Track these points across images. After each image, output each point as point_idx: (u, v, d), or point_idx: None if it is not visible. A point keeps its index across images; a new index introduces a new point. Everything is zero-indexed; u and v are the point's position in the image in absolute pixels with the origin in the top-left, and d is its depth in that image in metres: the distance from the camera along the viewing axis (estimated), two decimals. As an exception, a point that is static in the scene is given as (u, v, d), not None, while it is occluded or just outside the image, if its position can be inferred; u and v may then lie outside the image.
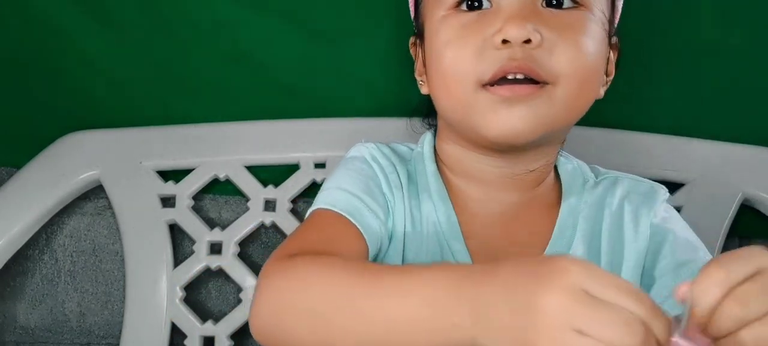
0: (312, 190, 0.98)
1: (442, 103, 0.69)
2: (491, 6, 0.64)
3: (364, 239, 0.64)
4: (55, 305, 1.05)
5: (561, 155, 0.75)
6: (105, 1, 0.93)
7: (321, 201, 0.67)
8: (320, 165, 0.97)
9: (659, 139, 0.93)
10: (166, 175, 0.98)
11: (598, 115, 0.92)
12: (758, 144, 0.93)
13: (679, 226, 0.71)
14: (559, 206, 0.71)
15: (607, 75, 0.71)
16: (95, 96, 0.98)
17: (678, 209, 0.91)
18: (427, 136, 0.77)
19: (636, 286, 0.42)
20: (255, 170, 0.98)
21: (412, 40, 0.76)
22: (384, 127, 0.95)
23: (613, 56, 0.72)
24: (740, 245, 0.99)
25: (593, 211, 0.71)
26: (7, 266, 0.96)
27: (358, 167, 0.71)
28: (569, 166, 0.75)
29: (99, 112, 0.98)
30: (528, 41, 0.61)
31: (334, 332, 0.51)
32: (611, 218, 0.71)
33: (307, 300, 0.53)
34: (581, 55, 0.63)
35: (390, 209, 0.69)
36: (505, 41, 0.61)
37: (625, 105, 0.95)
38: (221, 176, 0.97)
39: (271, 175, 0.98)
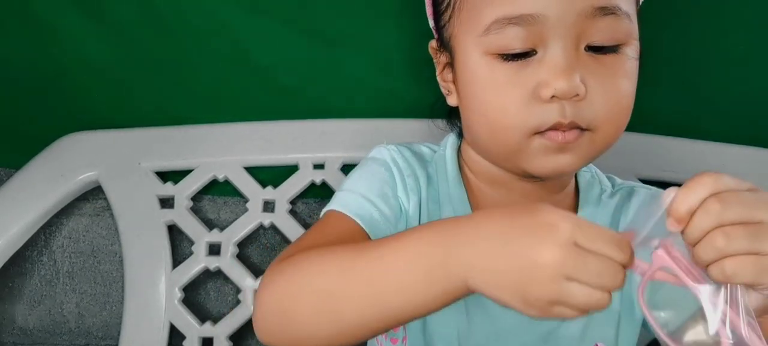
0: (311, 191, 0.98)
1: (482, 138, 0.68)
2: (536, 54, 0.62)
3: None
4: (54, 306, 1.04)
5: None
6: (105, 2, 0.93)
7: (335, 202, 0.68)
8: (319, 166, 0.97)
9: (658, 140, 0.93)
10: (165, 176, 0.98)
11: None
12: (756, 145, 0.93)
13: None
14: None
15: None
16: (94, 96, 0.98)
17: (677, 210, 0.91)
18: (450, 139, 0.76)
19: (617, 235, 0.48)
20: (254, 171, 0.98)
21: (433, 45, 0.74)
22: (383, 129, 0.95)
23: None
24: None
25: (609, 221, 0.72)
26: (5, 267, 0.95)
27: (376, 170, 0.71)
28: (587, 174, 0.75)
29: (98, 112, 0.98)
30: (576, 95, 0.61)
31: (342, 305, 0.54)
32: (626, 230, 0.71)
33: (313, 283, 0.56)
34: (619, 101, 0.63)
35: (403, 213, 0.70)
36: (554, 96, 0.61)
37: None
38: (220, 177, 0.97)
39: (270, 176, 0.98)
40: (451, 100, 0.71)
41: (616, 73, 0.63)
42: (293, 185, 0.97)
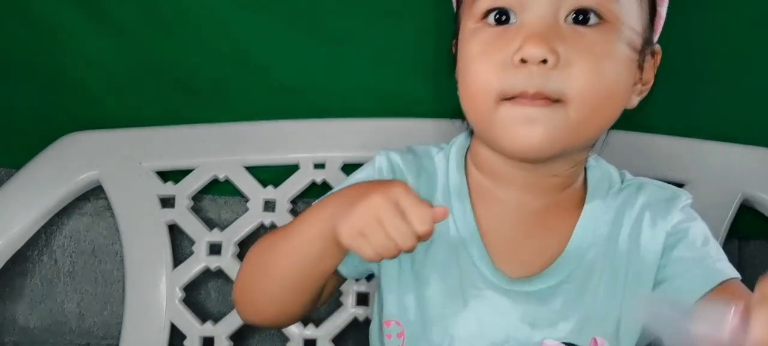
0: (311, 190, 0.98)
1: (468, 113, 0.70)
2: (516, 21, 0.64)
3: None
4: (55, 306, 1.05)
5: (591, 159, 0.76)
6: (105, 1, 0.93)
7: (319, 199, 0.72)
8: (320, 166, 0.97)
9: (659, 140, 0.93)
10: (166, 175, 0.98)
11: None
12: (758, 144, 0.93)
13: (695, 227, 0.72)
14: (582, 210, 0.72)
15: (644, 83, 0.72)
16: (95, 96, 0.98)
17: (677, 210, 0.91)
18: (460, 136, 0.78)
19: (427, 213, 0.58)
20: (254, 171, 0.98)
21: (453, 42, 0.76)
22: (383, 128, 0.95)
23: (652, 64, 0.73)
24: (739, 246, 1.00)
25: (614, 216, 0.72)
26: (6, 266, 0.96)
27: (361, 176, 0.76)
28: (598, 171, 0.76)
29: (99, 112, 0.98)
30: (544, 61, 0.62)
31: (274, 272, 0.69)
32: (631, 225, 0.72)
33: (260, 256, 0.72)
34: (596, 79, 0.63)
35: None
36: (523, 60, 0.62)
37: (624, 105, 0.95)
38: (221, 177, 0.97)
39: (271, 175, 0.98)
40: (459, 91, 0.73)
41: (595, 50, 0.63)
42: (294, 185, 0.97)
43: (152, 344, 0.93)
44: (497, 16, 0.66)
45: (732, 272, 0.68)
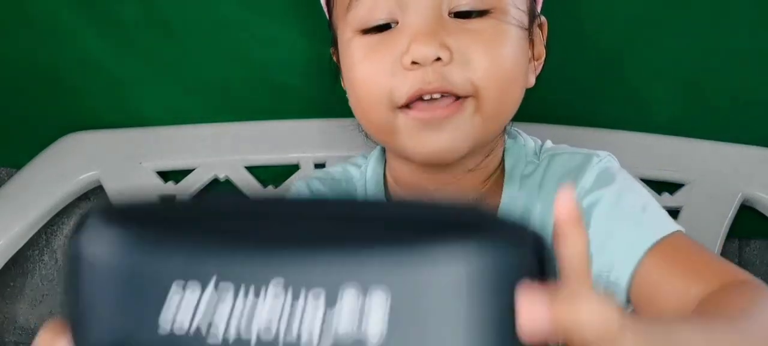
0: (312, 190, 0.98)
1: (363, 124, 0.67)
2: (397, 24, 0.60)
3: None
4: (55, 306, 1.05)
5: (509, 140, 0.70)
6: (105, 1, 0.93)
7: None
8: (320, 165, 0.97)
9: (659, 140, 0.93)
10: (166, 175, 0.98)
11: (596, 116, 0.93)
12: (758, 144, 0.93)
13: (609, 190, 0.62)
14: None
15: (536, 58, 0.68)
16: (95, 96, 0.98)
17: (678, 209, 0.91)
18: (376, 152, 0.75)
19: None
20: (255, 171, 0.98)
21: (332, 50, 0.73)
22: (384, 128, 0.95)
23: (541, 37, 0.69)
24: (740, 246, 1.00)
25: (525, 201, 0.66)
26: (6, 266, 0.96)
27: None
28: (513, 153, 0.69)
29: (99, 112, 0.99)
30: (438, 59, 0.58)
31: None
32: (541, 207, 0.65)
33: None
34: (496, 62, 0.60)
35: None
36: (414, 62, 0.58)
37: (624, 105, 0.95)
38: (221, 177, 0.97)
39: (271, 175, 0.98)
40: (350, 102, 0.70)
41: (485, 35, 0.60)
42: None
43: (152, 343, 0.93)
44: (381, 25, 0.61)
45: (664, 227, 0.59)
